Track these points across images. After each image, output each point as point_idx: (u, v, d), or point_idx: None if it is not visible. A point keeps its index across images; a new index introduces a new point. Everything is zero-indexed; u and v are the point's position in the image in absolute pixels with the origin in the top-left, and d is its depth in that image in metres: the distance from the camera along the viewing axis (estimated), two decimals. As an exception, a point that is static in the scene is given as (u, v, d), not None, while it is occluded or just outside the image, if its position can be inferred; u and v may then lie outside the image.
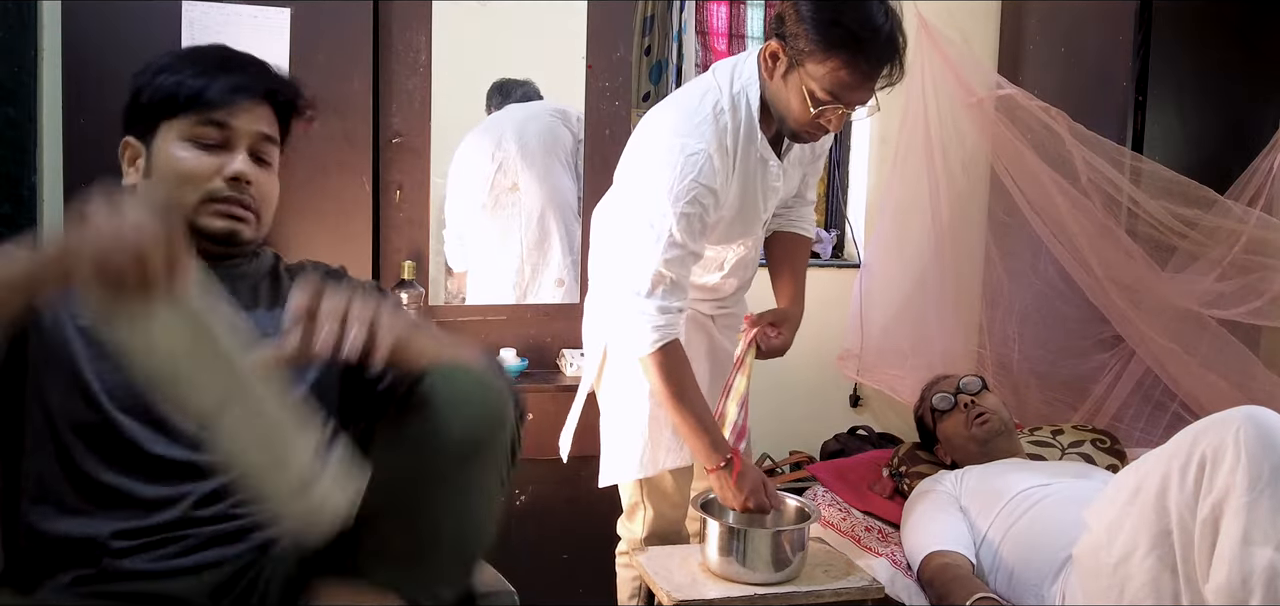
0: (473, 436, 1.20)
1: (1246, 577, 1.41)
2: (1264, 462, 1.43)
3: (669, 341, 1.79)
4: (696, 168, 1.74)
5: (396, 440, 1.20)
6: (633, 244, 1.80)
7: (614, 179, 2.03)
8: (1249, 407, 1.50)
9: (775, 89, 1.78)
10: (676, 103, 1.89)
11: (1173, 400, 2.49)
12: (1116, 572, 1.59)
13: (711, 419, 1.88)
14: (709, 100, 1.80)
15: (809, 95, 1.70)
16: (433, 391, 1.18)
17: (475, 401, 1.21)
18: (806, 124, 1.76)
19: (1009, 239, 2.83)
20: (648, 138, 1.88)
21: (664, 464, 1.96)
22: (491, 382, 1.26)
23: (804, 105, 1.72)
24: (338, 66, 2.30)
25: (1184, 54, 2.66)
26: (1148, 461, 1.63)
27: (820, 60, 1.68)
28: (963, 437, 2.22)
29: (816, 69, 1.69)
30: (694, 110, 1.80)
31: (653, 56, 2.93)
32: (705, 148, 1.76)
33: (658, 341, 1.78)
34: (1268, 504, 1.42)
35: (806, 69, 1.70)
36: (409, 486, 1.18)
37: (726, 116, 1.79)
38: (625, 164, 1.95)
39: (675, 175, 1.74)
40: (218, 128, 1.31)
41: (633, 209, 1.83)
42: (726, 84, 1.82)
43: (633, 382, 1.92)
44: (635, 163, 1.89)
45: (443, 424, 1.17)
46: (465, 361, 1.26)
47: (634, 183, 1.86)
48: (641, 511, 2.02)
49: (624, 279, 1.82)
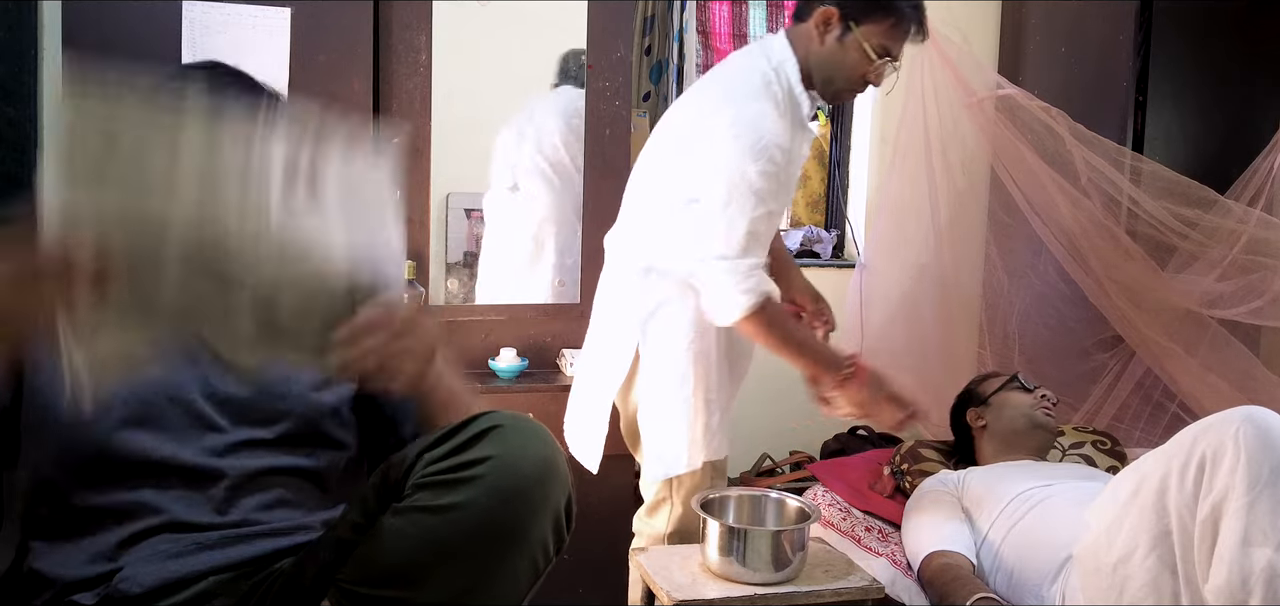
0: (539, 470, 1.10)
1: (1246, 578, 1.41)
2: (1263, 463, 1.43)
3: (768, 294, 1.87)
4: (765, 127, 1.84)
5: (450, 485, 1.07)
6: (711, 214, 1.84)
7: (641, 179, 2.04)
8: (1248, 408, 1.50)
9: (827, 52, 1.92)
10: (721, 82, 1.97)
11: (1173, 400, 2.49)
12: (1116, 572, 1.59)
13: (818, 341, 2.03)
14: (756, 73, 1.91)
15: (872, 50, 1.90)
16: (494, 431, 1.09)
17: (540, 439, 1.12)
18: (857, 80, 1.94)
19: (1009, 239, 2.83)
20: (700, 118, 1.92)
21: (706, 456, 1.98)
22: (549, 436, 1.16)
23: (862, 60, 1.90)
24: (338, 66, 2.30)
25: (1184, 54, 2.66)
26: (1147, 462, 1.63)
27: (879, 19, 1.89)
28: (1021, 412, 2.20)
29: (875, 27, 1.89)
30: (743, 82, 1.91)
31: (653, 56, 2.94)
32: (768, 108, 1.87)
33: (756, 299, 1.84)
34: (1267, 504, 1.42)
35: (864, 28, 1.89)
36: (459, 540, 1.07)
37: (774, 85, 1.91)
38: (667, 154, 1.98)
39: (750, 138, 1.82)
40: None
41: (703, 183, 1.86)
42: (760, 61, 1.93)
43: (672, 376, 1.94)
44: (691, 144, 1.92)
45: (510, 460, 1.08)
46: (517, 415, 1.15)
47: (700, 161, 1.88)
48: (668, 507, 2.01)
49: (705, 248, 1.85)
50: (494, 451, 1.06)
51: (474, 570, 1.07)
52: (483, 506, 1.05)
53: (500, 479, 1.06)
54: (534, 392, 2.41)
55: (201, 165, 0.99)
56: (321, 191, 1.04)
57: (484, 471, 1.05)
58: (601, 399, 2.06)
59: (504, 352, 2.50)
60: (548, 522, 1.10)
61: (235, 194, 1.01)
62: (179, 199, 0.99)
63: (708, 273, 1.86)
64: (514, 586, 1.10)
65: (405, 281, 2.42)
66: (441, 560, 1.06)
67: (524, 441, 1.09)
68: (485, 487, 1.05)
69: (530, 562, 1.11)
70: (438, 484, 1.06)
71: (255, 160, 1.01)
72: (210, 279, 1.03)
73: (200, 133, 0.99)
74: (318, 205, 1.04)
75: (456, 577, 1.06)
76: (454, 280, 2.83)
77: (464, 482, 1.05)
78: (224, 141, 1.00)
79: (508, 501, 1.06)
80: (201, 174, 0.99)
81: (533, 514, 1.08)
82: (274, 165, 1.01)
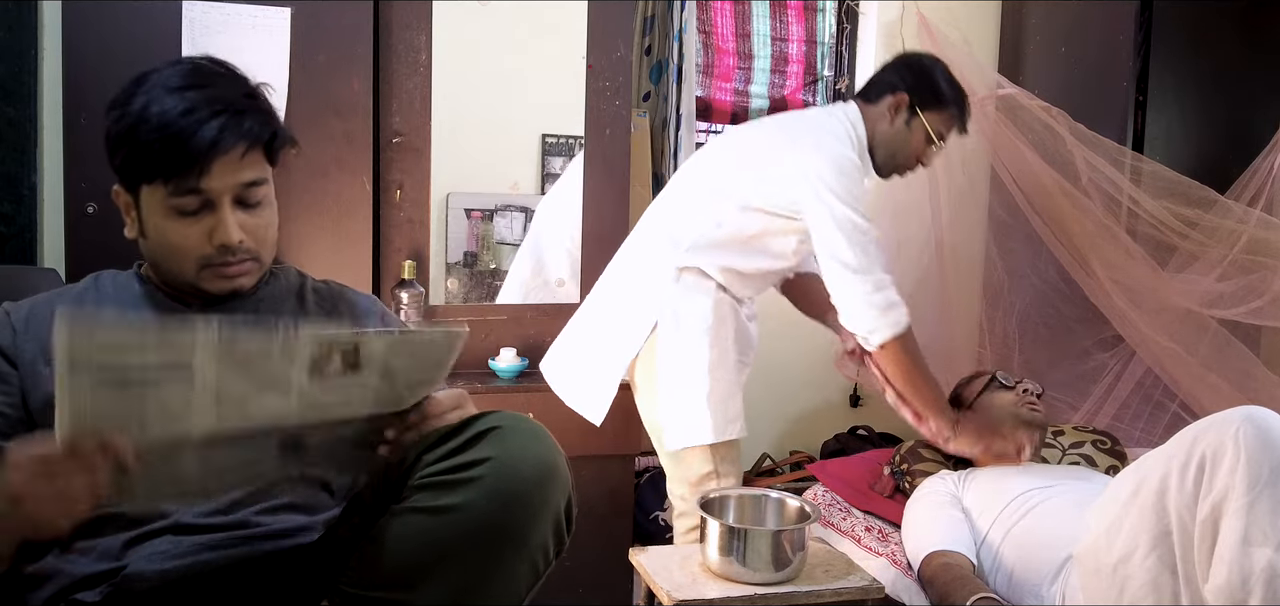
0: (539, 472, 1.10)
1: (1246, 578, 1.41)
2: (1263, 463, 1.42)
3: (908, 325, 2.05)
4: (856, 170, 2.06)
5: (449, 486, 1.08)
6: (844, 242, 1.99)
7: (710, 183, 2.15)
8: (1249, 408, 1.49)
9: (895, 132, 2.19)
10: (809, 122, 2.17)
11: (1173, 400, 2.48)
12: (1116, 573, 1.59)
13: (939, 386, 2.17)
14: (839, 127, 2.12)
15: (933, 133, 2.19)
16: (496, 432, 1.09)
17: (540, 441, 1.12)
18: (912, 159, 2.23)
19: (1009, 239, 2.83)
20: (795, 148, 2.06)
21: (727, 433, 2.05)
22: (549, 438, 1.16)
23: (923, 142, 2.20)
24: (338, 66, 2.30)
25: (1184, 54, 2.66)
26: (1147, 462, 1.63)
27: (939, 110, 2.19)
28: (1006, 412, 2.21)
29: (935, 116, 2.19)
30: (834, 128, 2.11)
31: (653, 56, 2.93)
32: (854, 156, 2.08)
33: (905, 321, 2.04)
34: (1267, 504, 1.41)
35: (928, 115, 2.18)
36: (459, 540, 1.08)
37: (854, 140, 2.13)
38: (729, 168, 2.14)
39: (851, 176, 2.03)
40: (195, 194, 1.22)
41: (816, 214, 2.00)
42: (843, 119, 2.15)
43: (691, 351, 2.05)
44: (769, 167, 2.07)
45: (512, 459, 1.08)
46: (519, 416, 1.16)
47: (811, 193, 2.01)
48: (716, 481, 2.06)
49: (852, 276, 2.00)
50: (493, 453, 1.06)
51: (473, 571, 1.06)
52: (482, 508, 1.05)
53: (500, 481, 1.05)
54: (534, 392, 2.41)
55: (218, 379, 0.97)
56: (346, 362, 1.03)
57: (483, 473, 1.05)
58: (612, 361, 2.14)
59: (504, 352, 2.50)
60: (548, 524, 1.10)
61: (256, 400, 1.00)
62: (198, 411, 0.98)
63: (853, 297, 2.01)
64: (513, 588, 1.10)
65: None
66: (440, 561, 1.05)
67: (524, 443, 1.09)
68: (485, 489, 1.05)
69: (530, 564, 1.11)
70: (437, 485, 1.05)
71: (274, 362, 0.99)
72: (237, 451, 1.04)
73: (212, 351, 0.96)
74: (342, 377, 1.03)
75: (455, 579, 1.06)
76: (454, 280, 2.83)
77: (463, 484, 1.05)
78: (239, 352, 0.97)
79: (507, 503, 1.06)
80: (219, 390, 0.97)
81: (532, 516, 1.08)
82: (295, 359, 1.00)
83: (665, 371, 2.08)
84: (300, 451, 1.09)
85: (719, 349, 2.07)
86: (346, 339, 1.02)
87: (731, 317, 2.11)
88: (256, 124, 1.25)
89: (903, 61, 2.26)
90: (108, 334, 0.90)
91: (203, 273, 1.27)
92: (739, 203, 2.08)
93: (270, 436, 1.05)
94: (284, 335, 0.97)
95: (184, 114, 1.20)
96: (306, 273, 1.48)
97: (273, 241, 1.33)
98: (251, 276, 1.31)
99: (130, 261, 1.39)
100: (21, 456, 0.95)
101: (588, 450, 2.36)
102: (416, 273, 2.45)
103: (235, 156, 1.23)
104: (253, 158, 1.25)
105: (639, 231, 2.25)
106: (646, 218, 2.25)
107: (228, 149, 1.21)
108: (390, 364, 1.05)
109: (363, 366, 1.04)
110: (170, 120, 1.20)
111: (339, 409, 1.05)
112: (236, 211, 1.25)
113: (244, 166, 1.24)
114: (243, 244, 1.26)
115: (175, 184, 1.22)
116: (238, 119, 1.23)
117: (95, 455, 0.93)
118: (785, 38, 3.26)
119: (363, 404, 1.07)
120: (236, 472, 1.09)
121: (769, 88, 3.26)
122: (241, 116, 1.23)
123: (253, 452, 1.06)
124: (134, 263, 1.38)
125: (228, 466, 1.06)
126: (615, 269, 2.25)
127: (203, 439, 1.00)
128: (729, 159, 2.19)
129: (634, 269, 2.19)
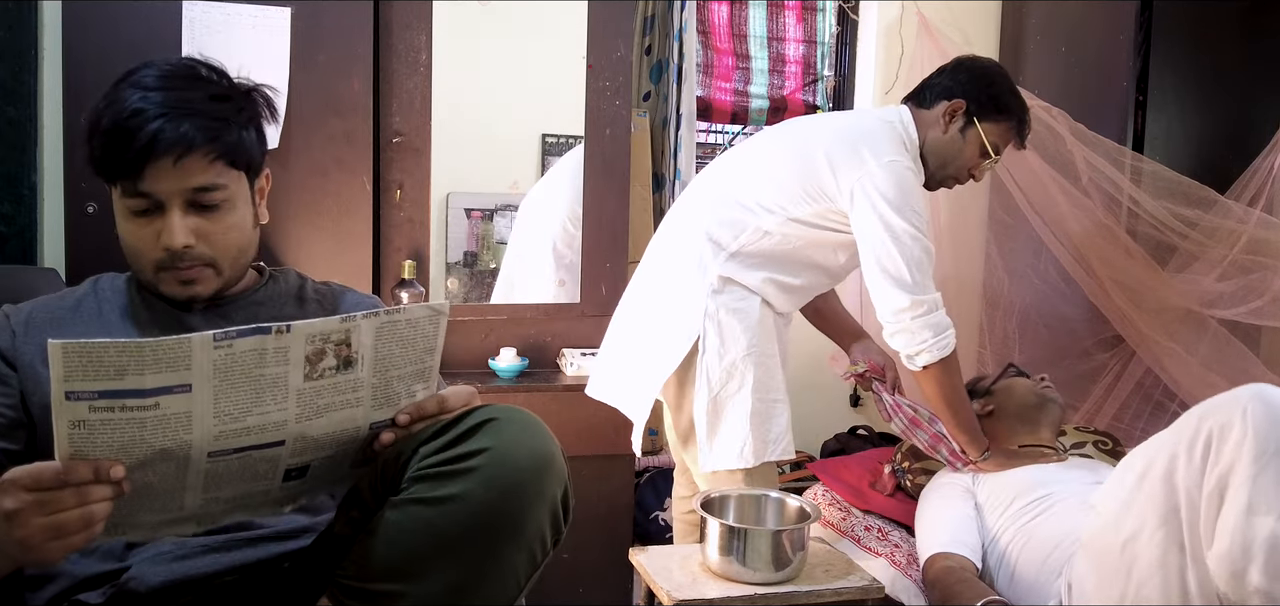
0: (535, 461, 1.10)
1: (1248, 546, 1.41)
2: (1270, 436, 1.42)
3: (953, 348, 2.01)
4: (915, 182, 2.00)
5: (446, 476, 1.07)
6: (900, 259, 1.92)
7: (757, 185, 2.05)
8: (1257, 385, 1.49)
9: (948, 140, 2.10)
10: (864, 130, 2.04)
11: (1173, 400, 2.48)
12: (1125, 551, 1.58)
13: (974, 412, 2.13)
14: (894, 134, 2.04)
15: (988, 145, 2.10)
16: (491, 422, 1.09)
17: (536, 432, 1.12)
18: (964, 172, 2.14)
19: (1009, 239, 2.83)
20: (853, 159, 1.96)
21: (767, 455, 1.99)
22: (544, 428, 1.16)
23: (977, 153, 2.11)
24: (338, 66, 2.30)
25: (1184, 54, 2.66)
26: (1155, 443, 1.62)
27: (998, 119, 2.10)
28: (1029, 389, 2.22)
29: (993, 126, 2.10)
30: (888, 134, 2.03)
31: (653, 56, 2.93)
32: (914, 167, 2.03)
33: (953, 343, 2.00)
34: (1272, 475, 1.41)
35: (985, 124, 2.09)
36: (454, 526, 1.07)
37: (907, 141, 2.07)
38: (773, 169, 2.04)
39: (911, 190, 1.96)
40: (142, 196, 1.22)
41: (871, 228, 1.94)
42: (896, 124, 2.08)
43: (736, 373, 1.96)
44: (821, 172, 1.98)
45: (505, 449, 1.08)
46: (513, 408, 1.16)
47: (868, 207, 1.94)
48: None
49: (906, 296, 1.93)
50: (490, 443, 1.06)
51: (471, 562, 1.06)
52: (479, 498, 1.05)
53: (496, 470, 1.05)
54: (534, 392, 2.41)
55: (216, 393, 0.96)
56: (340, 358, 1.03)
57: (480, 463, 1.05)
58: (654, 369, 2.03)
59: (504, 352, 2.50)
60: (545, 514, 1.10)
61: (255, 410, 1.00)
62: (198, 428, 0.97)
63: (901, 316, 1.95)
64: (512, 578, 1.10)
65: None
66: (439, 552, 1.05)
67: (520, 434, 1.09)
68: (481, 479, 1.05)
69: (528, 554, 1.11)
70: (434, 476, 1.05)
71: (269, 365, 0.98)
72: (235, 470, 1.04)
73: (207, 366, 0.95)
74: (336, 375, 1.03)
75: (454, 569, 1.06)
76: (454, 280, 2.83)
77: (460, 474, 1.05)
78: (235, 361, 0.97)
79: (504, 493, 1.06)
80: (217, 404, 0.97)
81: (529, 505, 1.08)
82: (289, 359, 0.99)
83: (704, 389, 1.98)
84: (303, 476, 1.10)
85: (765, 367, 1.98)
86: (336, 328, 1.01)
87: (774, 333, 2.02)
88: (196, 129, 1.22)
89: (962, 65, 2.15)
90: (101, 356, 0.89)
91: (159, 275, 1.26)
92: (787, 214, 1.99)
93: (275, 463, 1.06)
94: (276, 334, 0.97)
95: (132, 115, 1.20)
96: (306, 274, 1.48)
97: (238, 246, 1.30)
98: (208, 284, 1.29)
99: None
100: (13, 481, 0.94)
101: (588, 450, 2.36)
102: (416, 272, 2.45)
103: (169, 161, 1.21)
104: (197, 162, 1.23)
105: (677, 229, 2.12)
106: (684, 211, 2.12)
107: (161, 153, 1.20)
108: (382, 353, 1.05)
109: (356, 361, 1.03)
110: (118, 120, 1.20)
111: (337, 412, 1.05)
112: (190, 215, 1.24)
113: (187, 171, 1.22)
114: (191, 249, 1.24)
115: (123, 185, 1.23)
116: (176, 123, 1.20)
117: (90, 486, 0.93)
118: (783, 38, 3.26)
119: (359, 405, 1.07)
120: (238, 503, 1.09)
121: (768, 88, 3.26)
122: (181, 120, 1.21)
123: (254, 484, 1.07)
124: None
125: (229, 497, 1.06)
126: (651, 273, 2.14)
127: (202, 470, 1.00)
128: (777, 163, 2.06)
129: (673, 275, 2.07)
